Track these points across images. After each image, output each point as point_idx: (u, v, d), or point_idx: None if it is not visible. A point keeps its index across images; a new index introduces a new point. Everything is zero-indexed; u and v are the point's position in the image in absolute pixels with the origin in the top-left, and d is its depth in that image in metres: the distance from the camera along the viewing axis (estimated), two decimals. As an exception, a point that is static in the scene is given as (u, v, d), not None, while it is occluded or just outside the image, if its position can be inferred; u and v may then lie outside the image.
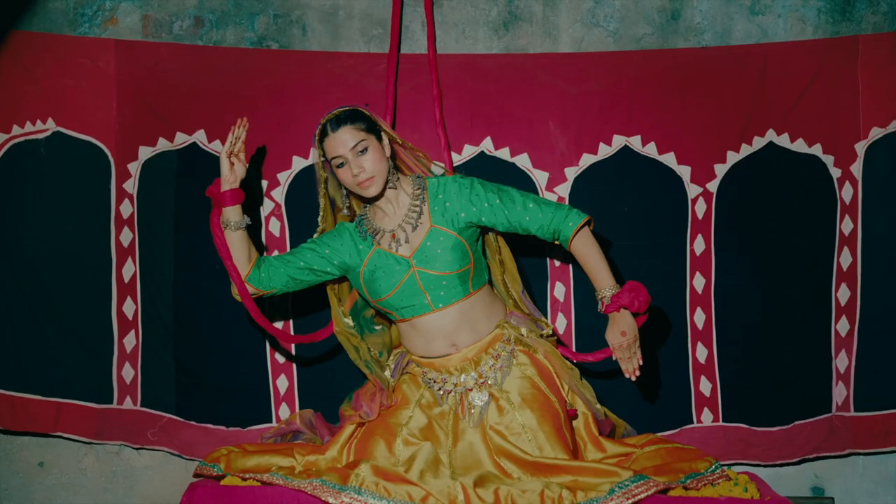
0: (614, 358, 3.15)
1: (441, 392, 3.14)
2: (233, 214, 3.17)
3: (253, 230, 3.59)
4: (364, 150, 3.08)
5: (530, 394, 3.11)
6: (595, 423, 3.21)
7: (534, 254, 3.57)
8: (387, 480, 2.86)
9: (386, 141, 3.16)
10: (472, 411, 3.09)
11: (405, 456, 3.00)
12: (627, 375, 3.13)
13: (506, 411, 3.07)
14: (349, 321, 3.28)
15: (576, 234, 3.11)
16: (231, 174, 3.16)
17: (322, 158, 3.17)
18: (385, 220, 3.18)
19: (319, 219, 3.30)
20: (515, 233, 3.19)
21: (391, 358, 3.27)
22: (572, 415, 3.19)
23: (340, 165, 3.09)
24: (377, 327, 3.31)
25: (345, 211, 3.24)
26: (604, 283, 3.12)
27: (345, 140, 3.08)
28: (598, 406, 3.25)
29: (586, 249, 3.13)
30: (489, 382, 3.12)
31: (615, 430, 3.35)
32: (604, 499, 2.80)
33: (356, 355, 3.25)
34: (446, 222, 3.14)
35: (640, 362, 3.12)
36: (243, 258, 3.20)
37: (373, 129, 3.13)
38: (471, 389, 3.12)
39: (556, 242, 3.17)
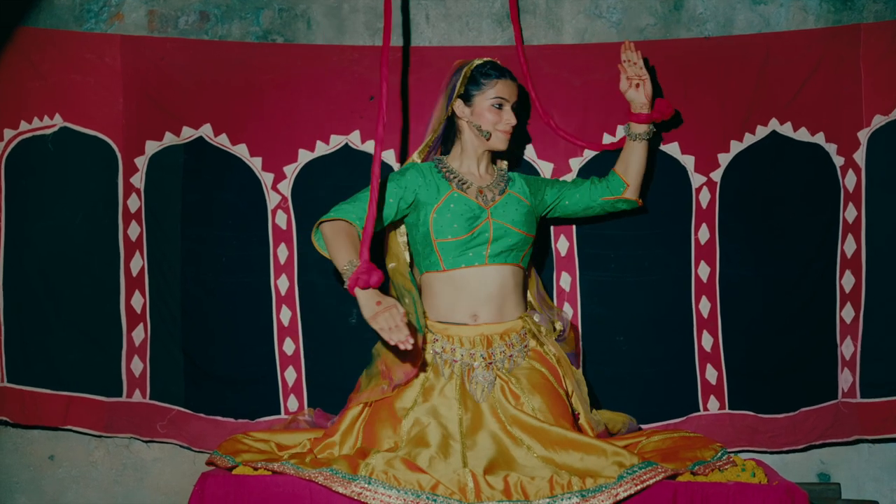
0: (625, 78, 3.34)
1: (446, 359, 3.15)
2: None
3: (259, 223, 3.62)
4: (515, 109, 3.29)
5: (540, 382, 3.13)
6: (592, 433, 3.19)
7: (540, 244, 3.59)
8: (396, 469, 2.87)
9: None
10: (475, 387, 3.11)
11: (413, 433, 3.02)
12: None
13: (515, 395, 3.09)
14: (407, 255, 3.34)
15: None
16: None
17: (461, 89, 3.28)
18: (473, 177, 3.31)
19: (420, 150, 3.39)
20: (559, 203, 3.35)
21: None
22: (575, 417, 3.20)
23: (499, 107, 3.26)
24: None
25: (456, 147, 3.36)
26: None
27: (514, 91, 3.30)
28: (597, 419, 3.25)
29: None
30: (496, 365, 3.14)
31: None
32: (613, 485, 2.81)
33: (409, 301, 3.19)
34: (523, 195, 3.30)
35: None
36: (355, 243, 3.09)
37: None
38: (476, 367, 3.14)
39: (612, 193, 3.32)
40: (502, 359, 3.16)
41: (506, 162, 3.42)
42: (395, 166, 3.62)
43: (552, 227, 3.62)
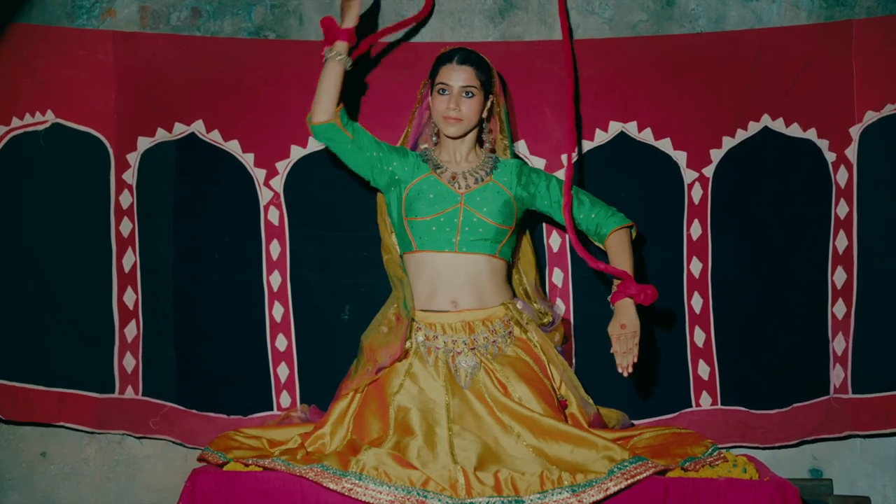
0: (612, 351, 3.13)
1: (429, 347, 3.16)
2: (343, 48, 3.25)
3: (251, 219, 3.62)
4: (469, 94, 3.22)
5: (525, 372, 3.13)
6: (585, 420, 3.20)
7: (533, 241, 3.59)
8: (387, 465, 2.87)
9: (489, 104, 3.28)
10: (459, 373, 3.11)
11: (399, 417, 3.02)
12: (620, 371, 3.11)
13: (502, 383, 3.10)
14: (395, 240, 3.34)
15: (615, 230, 3.21)
16: (356, 16, 3.24)
17: (429, 80, 3.28)
18: (450, 164, 3.29)
19: (400, 141, 3.43)
20: (551, 217, 3.30)
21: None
22: (563, 405, 3.20)
23: (442, 92, 3.22)
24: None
25: (434, 138, 3.36)
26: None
27: (460, 76, 3.21)
28: (590, 401, 3.24)
29: (620, 244, 3.21)
30: (479, 350, 3.15)
31: (605, 427, 3.34)
32: (603, 479, 2.81)
33: (399, 288, 3.27)
34: (507, 184, 3.25)
35: (636, 360, 3.10)
36: (333, 91, 3.25)
37: (488, 86, 3.27)
38: (460, 353, 3.14)
39: (592, 237, 3.25)
40: (485, 344, 3.16)
41: (507, 148, 3.38)
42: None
43: (544, 224, 3.62)
